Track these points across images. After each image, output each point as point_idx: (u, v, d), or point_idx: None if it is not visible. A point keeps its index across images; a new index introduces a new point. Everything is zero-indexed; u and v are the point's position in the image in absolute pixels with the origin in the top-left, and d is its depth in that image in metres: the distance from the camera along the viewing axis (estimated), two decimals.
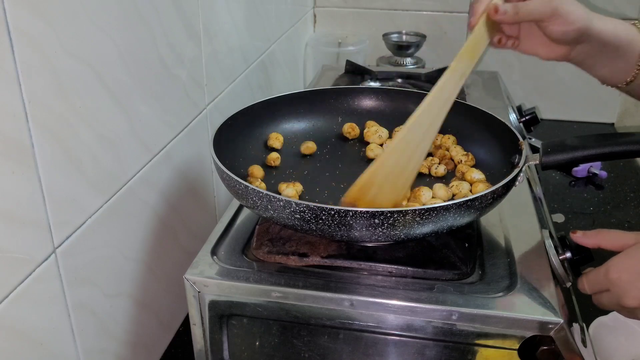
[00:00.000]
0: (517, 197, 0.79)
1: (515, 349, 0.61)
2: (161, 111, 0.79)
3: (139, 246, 0.77)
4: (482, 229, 0.74)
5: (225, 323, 0.68)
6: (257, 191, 0.61)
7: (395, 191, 0.64)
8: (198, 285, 0.65)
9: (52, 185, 0.58)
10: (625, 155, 0.65)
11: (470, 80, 1.31)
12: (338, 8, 1.65)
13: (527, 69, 1.61)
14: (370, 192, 0.62)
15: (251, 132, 0.82)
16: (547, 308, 0.60)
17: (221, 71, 1.01)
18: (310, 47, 1.62)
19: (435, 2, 1.58)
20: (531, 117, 1.17)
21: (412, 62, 1.55)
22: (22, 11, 0.52)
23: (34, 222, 0.56)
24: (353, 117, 0.88)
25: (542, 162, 0.67)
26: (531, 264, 0.67)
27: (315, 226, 0.59)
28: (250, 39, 1.15)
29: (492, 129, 0.79)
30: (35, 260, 0.57)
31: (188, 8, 0.84)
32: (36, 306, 0.58)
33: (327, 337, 0.66)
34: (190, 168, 0.91)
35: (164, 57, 0.79)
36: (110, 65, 0.66)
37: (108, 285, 0.70)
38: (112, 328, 0.72)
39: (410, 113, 0.86)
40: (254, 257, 0.68)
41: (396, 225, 0.58)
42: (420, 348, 0.64)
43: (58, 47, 0.57)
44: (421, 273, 0.65)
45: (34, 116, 0.54)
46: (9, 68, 0.51)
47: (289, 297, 0.63)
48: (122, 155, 0.70)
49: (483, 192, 0.61)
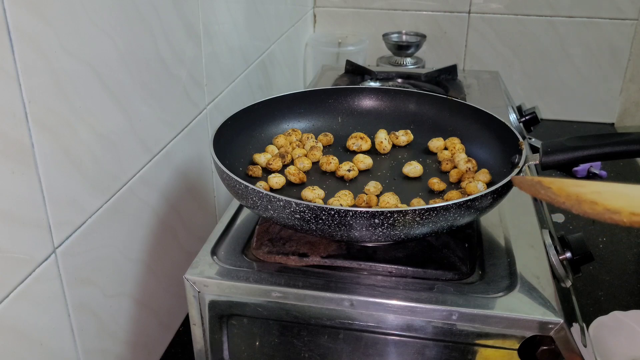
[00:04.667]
0: (517, 197, 0.79)
1: (515, 349, 0.61)
2: (161, 111, 0.79)
3: (139, 246, 0.77)
4: (482, 229, 0.74)
5: (225, 323, 0.68)
6: (257, 191, 0.61)
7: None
8: (198, 285, 0.65)
9: (52, 185, 0.58)
10: (625, 155, 0.65)
11: (470, 80, 1.31)
12: (338, 8, 1.65)
13: (527, 69, 1.61)
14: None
15: (251, 132, 0.82)
16: (547, 308, 0.60)
17: (221, 71, 1.01)
18: (310, 47, 1.62)
19: (435, 2, 1.58)
20: (531, 117, 1.17)
21: (412, 62, 1.55)
22: (22, 11, 0.52)
23: (34, 222, 0.56)
24: (353, 117, 0.88)
25: (542, 162, 0.67)
26: (531, 264, 0.67)
27: (315, 226, 0.59)
28: (250, 39, 1.15)
29: (492, 129, 0.79)
30: (35, 260, 0.57)
31: (188, 8, 0.84)
32: (36, 306, 0.58)
33: (327, 337, 0.66)
34: (190, 168, 0.91)
35: (164, 57, 0.79)
36: (110, 65, 0.66)
37: (108, 285, 0.70)
38: (112, 328, 0.72)
39: (410, 113, 0.87)
40: (254, 257, 0.68)
41: (396, 225, 0.58)
42: (420, 348, 0.64)
43: (58, 47, 0.57)
44: (421, 273, 0.65)
45: (34, 116, 0.54)
46: (9, 68, 0.51)
47: (289, 297, 0.63)
48: (122, 155, 0.70)
49: (483, 192, 0.61)
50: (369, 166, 0.78)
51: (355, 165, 0.76)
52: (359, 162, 0.77)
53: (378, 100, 0.89)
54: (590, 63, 1.56)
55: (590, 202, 0.44)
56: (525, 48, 1.58)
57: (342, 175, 0.76)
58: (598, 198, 0.43)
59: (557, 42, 1.56)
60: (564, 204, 0.46)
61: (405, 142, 0.84)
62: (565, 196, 0.47)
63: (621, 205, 0.41)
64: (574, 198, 0.45)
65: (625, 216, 0.40)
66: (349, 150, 0.83)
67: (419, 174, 0.76)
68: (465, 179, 0.73)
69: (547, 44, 1.57)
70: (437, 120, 0.85)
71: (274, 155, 0.78)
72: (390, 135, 0.84)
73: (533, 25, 1.55)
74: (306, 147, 0.81)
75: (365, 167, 0.78)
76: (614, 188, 0.46)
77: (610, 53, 1.54)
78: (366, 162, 0.78)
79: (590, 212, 0.44)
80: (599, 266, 1.04)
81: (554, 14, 1.53)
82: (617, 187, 0.47)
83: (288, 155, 0.79)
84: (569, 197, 0.46)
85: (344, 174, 0.75)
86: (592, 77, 1.57)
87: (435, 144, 0.82)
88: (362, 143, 0.82)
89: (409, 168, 0.76)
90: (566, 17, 1.53)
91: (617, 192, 0.46)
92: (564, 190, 0.47)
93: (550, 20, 1.54)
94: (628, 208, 0.41)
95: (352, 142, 0.83)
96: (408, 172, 0.76)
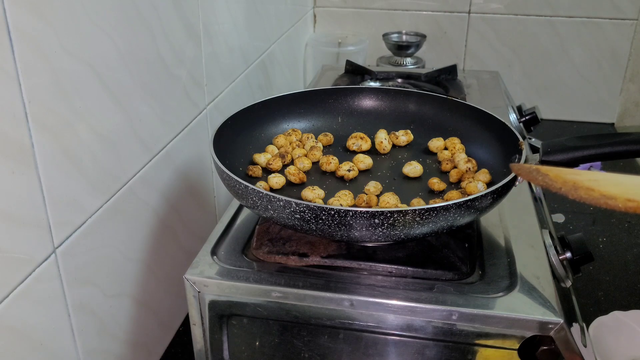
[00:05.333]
0: (517, 197, 0.79)
1: (515, 349, 0.61)
2: (161, 111, 0.79)
3: (139, 246, 0.77)
4: (482, 229, 0.74)
5: (225, 323, 0.68)
6: (257, 191, 0.61)
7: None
8: (198, 285, 0.65)
9: (52, 185, 0.58)
10: (625, 155, 0.65)
11: (470, 80, 1.31)
12: (338, 8, 1.65)
13: (527, 69, 1.61)
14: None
15: (251, 132, 0.82)
16: (547, 308, 0.60)
17: (221, 71, 1.01)
18: (310, 47, 1.62)
19: (435, 2, 1.59)
20: (531, 117, 1.17)
21: (412, 62, 1.55)
22: (22, 11, 0.52)
23: (34, 222, 0.56)
24: (353, 117, 0.88)
25: (542, 162, 0.67)
26: (531, 264, 0.67)
27: (315, 226, 0.59)
28: (250, 39, 1.15)
29: (492, 129, 0.79)
30: (35, 260, 0.57)
31: (188, 8, 0.84)
32: (36, 306, 0.58)
33: (327, 337, 0.66)
34: (190, 168, 0.91)
35: (164, 57, 0.79)
36: (110, 65, 0.66)
37: (108, 285, 0.70)
38: (112, 328, 0.72)
39: (410, 113, 0.87)
40: (254, 257, 0.68)
41: (396, 225, 0.58)
42: (420, 348, 0.64)
43: (58, 47, 0.57)
44: (421, 273, 0.65)
45: (34, 116, 0.54)
46: (9, 68, 0.51)
47: (289, 297, 0.63)
48: (122, 155, 0.70)
49: (483, 192, 0.61)
50: (369, 166, 0.78)
51: (355, 165, 0.76)
52: (359, 162, 0.77)
53: (378, 100, 0.89)
54: (590, 63, 1.56)
55: (587, 188, 0.44)
56: (525, 48, 1.58)
57: (342, 175, 0.76)
58: (595, 185, 0.44)
59: (557, 42, 1.56)
60: (561, 189, 0.47)
61: (405, 142, 0.84)
62: (562, 182, 0.47)
63: (617, 192, 0.42)
64: (571, 184, 0.46)
65: (621, 202, 0.41)
66: (349, 150, 0.83)
67: (419, 174, 0.76)
68: (465, 179, 0.73)
69: (547, 44, 1.57)
70: (437, 120, 0.85)
71: (274, 155, 0.78)
72: (390, 135, 0.84)
73: (533, 25, 1.56)
74: (306, 147, 0.81)
75: (365, 167, 0.78)
76: (611, 177, 0.47)
77: (610, 53, 1.54)
78: (366, 162, 0.78)
79: (586, 198, 0.44)
80: (599, 266, 1.04)
81: (554, 14, 1.53)
82: (613, 176, 0.47)
83: (288, 155, 0.79)
84: (565, 183, 0.46)
85: (344, 174, 0.75)
86: (592, 77, 1.57)
87: (435, 144, 0.82)
88: (362, 143, 0.82)
89: (409, 168, 0.76)
90: (566, 17, 1.53)
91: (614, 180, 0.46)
92: (561, 177, 0.48)
93: (550, 20, 1.54)
94: (624, 195, 0.41)
95: (352, 142, 0.83)
96: (408, 172, 0.76)
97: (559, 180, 0.47)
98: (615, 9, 1.50)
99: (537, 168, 0.52)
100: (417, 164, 0.76)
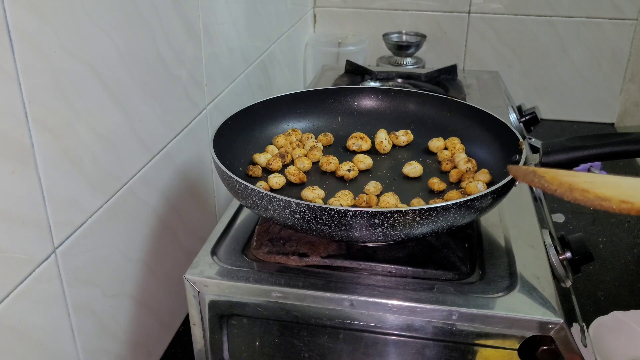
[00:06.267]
0: (517, 197, 0.79)
1: (515, 349, 0.61)
2: (161, 111, 0.79)
3: (139, 246, 0.77)
4: (482, 229, 0.74)
5: (225, 323, 0.68)
6: (257, 191, 0.61)
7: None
8: (198, 285, 0.65)
9: (52, 185, 0.58)
10: (625, 155, 0.65)
11: (470, 80, 1.31)
12: (338, 8, 1.65)
13: (527, 69, 1.61)
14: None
15: (251, 132, 0.82)
16: (547, 308, 0.60)
17: (221, 71, 1.01)
18: (310, 47, 1.62)
19: (435, 2, 1.59)
20: (531, 117, 1.17)
21: (412, 62, 1.55)
22: (22, 11, 0.52)
23: (34, 222, 0.56)
24: (353, 117, 0.88)
25: (542, 162, 0.67)
26: (531, 264, 0.67)
27: (315, 226, 0.59)
28: (250, 39, 1.15)
29: (492, 129, 0.79)
30: (35, 260, 0.57)
31: (188, 8, 0.84)
32: (36, 306, 0.58)
33: (327, 337, 0.66)
34: (190, 168, 0.91)
35: (164, 57, 0.79)
36: (110, 65, 0.66)
37: (108, 285, 0.70)
38: (112, 328, 0.72)
39: (410, 113, 0.87)
40: (254, 257, 0.68)
41: (396, 225, 0.58)
42: (420, 348, 0.64)
43: (58, 47, 0.57)
44: (421, 273, 0.65)
45: (34, 116, 0.54)
46: (9, 68, 0.51)
47: (289, 297, 0.63)
48: (122, 155, 0.70)
49: (483, 192, 0.61)
50: (369, 166, 0.78)
51: (355, 165, 0.76)
52: (359, 162, 0.77)
53: (378, 100, 0.89)
54: (590, 63, 1.56)
55: (582, 190, 0.44)
56: (525, 48, 1.58)
57: (342, 175, 0.76)
58: (590, 187, 0.44)
59: (557, 42, 1.56)
60: (556, 191, 0.47)
61: (405, 142, 0.84)
62: (557, 184, 0.47)
63: (612, 194, 0.42)
64: (567, 186, 0.46)
65: (615, 203, 0.41)
66: (349, 150, 0.83)
67: (419, 174, 0.76)
68: (465, 179, 0.73)
69: (547, 44, 1.57)
70: (437, 120, 0.85)
71: (274, 155, 0.78)
72: (390, 135, 0.84)
73: (533, 25, 1.56)
74: (306, 147, 0.81)
75: (365, 167, 0.78)
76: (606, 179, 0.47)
77: (610, 53, 1.54)
78: (366, 162, 0.78)
79: (581, 199, 0.44)
80: (599, 266, 1.04)
81: (554, 14, 1.53)
82: (608, 178, 0.47)
83: (288, 155, 0.79)
84: (561, 185, 0.47)
85: (344, 174, 0.75)
86: (592, 77, 1.57)
87: (435, 144, 0.82)
88: (362, 143, 0.82)
89: (409, 168, 0.76)
90: (566, 17, 1.53)
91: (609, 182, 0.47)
92: (557, 179, 0.48)
93: (550, 20, 1.54)
94: (618, 196, 0.42)
95: (352, 142, 0.83)
96: (408, 172, 0.76)
97: (555, 182, 0.48)
98: (615, 9, 1.50)
99: (534, 170, 0.53)
100: (417, 164, 0.76)
